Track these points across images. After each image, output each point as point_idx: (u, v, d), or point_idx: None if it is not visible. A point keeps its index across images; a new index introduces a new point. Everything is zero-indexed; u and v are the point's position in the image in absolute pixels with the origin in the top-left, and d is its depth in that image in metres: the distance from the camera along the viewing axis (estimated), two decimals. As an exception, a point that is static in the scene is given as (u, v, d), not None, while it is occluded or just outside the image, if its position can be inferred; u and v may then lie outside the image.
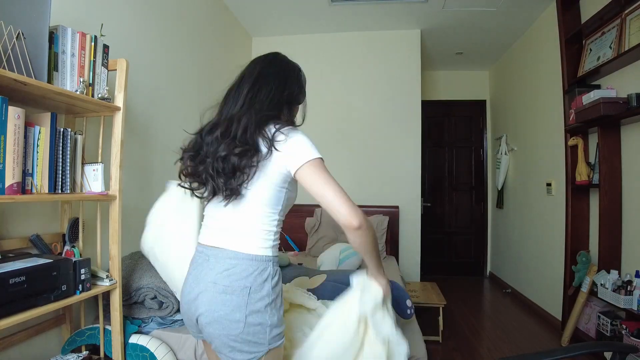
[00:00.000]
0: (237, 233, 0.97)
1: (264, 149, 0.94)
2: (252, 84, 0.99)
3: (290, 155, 0.94)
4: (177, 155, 1.07)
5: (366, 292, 1.05)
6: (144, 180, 2.14)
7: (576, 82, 2.55)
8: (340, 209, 0.91)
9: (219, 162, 0.94)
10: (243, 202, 0.96)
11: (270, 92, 0.98)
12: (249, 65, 1.05)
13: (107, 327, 1.51)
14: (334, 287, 1.68)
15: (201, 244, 1.03)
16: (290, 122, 1.01)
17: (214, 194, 0.98)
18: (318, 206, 3.52)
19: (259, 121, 0.94)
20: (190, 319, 0.99)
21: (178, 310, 1.63)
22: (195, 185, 1.03)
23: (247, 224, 0.97)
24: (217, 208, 1.01)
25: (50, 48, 1.19)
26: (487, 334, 2.81)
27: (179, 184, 1.06)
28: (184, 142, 1.06)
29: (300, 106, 1.10)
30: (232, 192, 0.94)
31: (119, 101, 1.44)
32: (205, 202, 1.06)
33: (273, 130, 0.94)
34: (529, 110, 3.55)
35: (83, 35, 1.31)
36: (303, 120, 1.09)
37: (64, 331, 1.54)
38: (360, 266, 2.81)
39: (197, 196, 1.05)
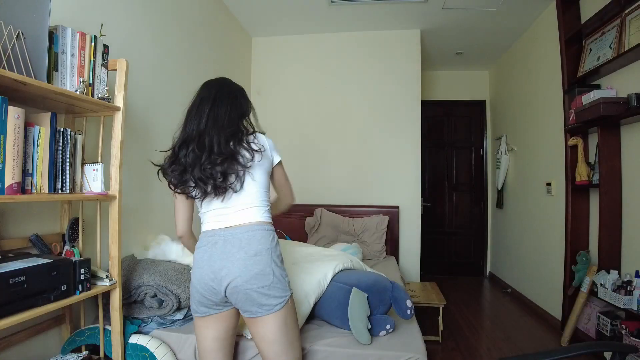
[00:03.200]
0: (246, 212, 1.23)
1: (247, 154, 1.21)
2: (212, 104, 1.23)
3: (270, 155, 1.31)
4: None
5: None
6: (144, 180, 2.14)
7: (576, 82, 2.55)
8: (291, 194, 1.45)
9: (205, 171, 1.17)
10: (243, 189, 1.23)
11: (227, 111, 1.24)
12: (202, 88, 1.30)
13: (107, 327, 1.51)
14: (335, 287, 1.68)
15: (212, 229, 1.23)
16: (253, 131, 1.30)
17: (206, 193, 1.20)
18: (318, 206, 3.55)
19: (228, 135, 1.20)
20: (213, 292, 1.19)
21: (178, 309, 1.63)
22: (184, 189, 1.23)
23: (252, 203, 1.24)
24: (217, 201, 1.23)
25: (50, 48, 1.19)
26: (487, 334, 2.81)
27: (175, 191, 1.25)
28: (164, 159, 1.26)
29: (251, 115, 1.35)
30: (228, 189, 1.20)
31: (119, 101, 1.44)
32: (200, 201, 1.26)
33: (251, 138, 1.25)
34: (529, 110, 3.55)
35: (83, 35, 1.31)
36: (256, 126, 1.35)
37: (63, 331, 1.54)
38: (360, 266, 2.81)
39: (191, 197, 1.25)
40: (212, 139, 1.18)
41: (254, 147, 1.23)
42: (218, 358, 1.28)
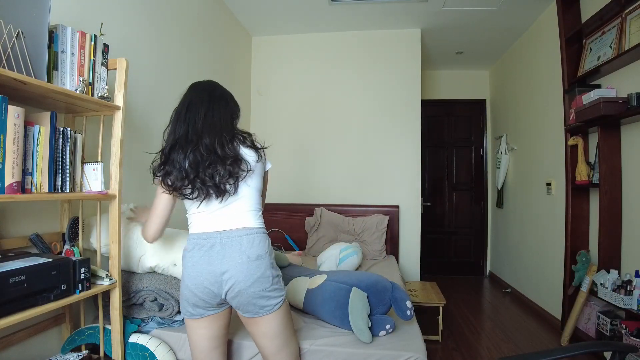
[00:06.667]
0: (243, 215, 1.24)
1: (252, 155, 1.25)
2: (207, 107, 1.22)
3: (266, 160, 1.34)
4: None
5: None
6: (144, 180, 2.13)
7: (576, 81, 2.55)
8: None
9: (207, 172, 1.17)
10: (241, 193, 1.24)
11: (224, 114, 1.25)
12: (193, 91, 1.28)
13: (107, 326, 1.51)
14: (334, 287, 1.68)
15: (205, 232, 1.23)
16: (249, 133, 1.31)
17: (207, 195, 1.20)
18: (318, 205, 3.55)
19: (231, 137, 1.22)
20: (212, 295, 1.21)
21: (179, 312, 1.63)
22: (181, 191, 1.21)
23: (247, 207, 1.26)
24: (212, 203, 1.23)
25: (50, 47, 1.19)
26: (486, 333, 2.82)
27: (171, 193, 1.23)
28: (152, 164, 1.25)
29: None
30: (228, 192, 1.21)
31: (119, 100, 1.44)
32: (198, 203, 1.23)
33: (255, 137, 1.29)
34: (529, 109, 3.55)
35: (83, 34, 1.30)
36: None
37: (63, 330, 1.54)
38: (360, 266, 2.81)
39: (188, 199, 1.23)
40: (214, 140, 1.19)
41: (258, 145, 1.28)
42: (215, 357, 1.31)
